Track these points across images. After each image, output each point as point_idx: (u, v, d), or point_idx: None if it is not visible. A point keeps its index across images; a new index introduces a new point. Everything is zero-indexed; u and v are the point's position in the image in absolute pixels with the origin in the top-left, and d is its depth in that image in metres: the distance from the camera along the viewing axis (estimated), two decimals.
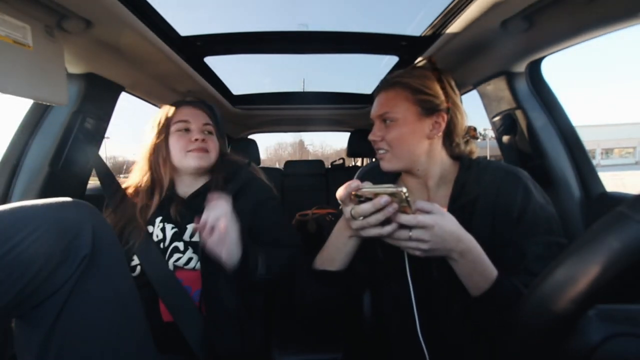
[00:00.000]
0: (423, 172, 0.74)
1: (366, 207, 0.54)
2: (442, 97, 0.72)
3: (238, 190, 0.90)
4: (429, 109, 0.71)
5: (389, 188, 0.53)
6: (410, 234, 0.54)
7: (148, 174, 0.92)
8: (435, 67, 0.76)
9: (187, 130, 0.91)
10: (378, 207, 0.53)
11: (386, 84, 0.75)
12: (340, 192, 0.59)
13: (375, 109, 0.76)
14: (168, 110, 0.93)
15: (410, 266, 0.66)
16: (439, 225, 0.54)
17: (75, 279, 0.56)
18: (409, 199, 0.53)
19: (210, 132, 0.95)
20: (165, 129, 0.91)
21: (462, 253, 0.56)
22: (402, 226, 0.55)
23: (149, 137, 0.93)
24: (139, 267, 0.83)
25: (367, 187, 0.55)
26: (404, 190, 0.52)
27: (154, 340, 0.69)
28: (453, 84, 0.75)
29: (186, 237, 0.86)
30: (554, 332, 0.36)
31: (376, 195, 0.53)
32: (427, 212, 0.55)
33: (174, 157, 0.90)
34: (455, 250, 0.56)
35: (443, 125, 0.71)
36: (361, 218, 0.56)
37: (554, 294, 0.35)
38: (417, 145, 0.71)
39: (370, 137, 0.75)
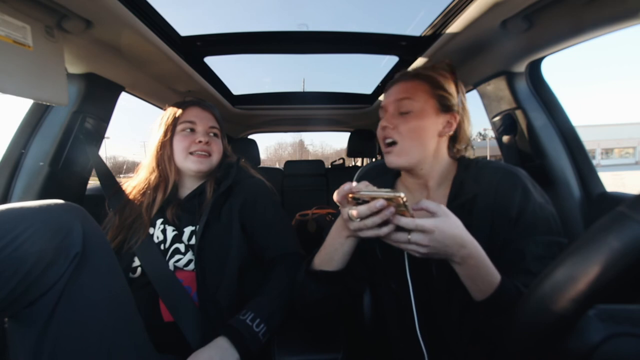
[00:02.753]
0: (426, 172, 0.73)
1: (362, 209, 0.54)
2: (457, 99, 0.72)
3: (229, 189, 0.90)
4: (445, 105, 0.71)
5: (387, 192, 0.52)
6: (409, 237, 0.53)
7: (156, 172, 0.92)
8: (453, 69, 0.75)
9: (192, 130, 0.92)
10: (374, 210, 0.53)
11: (406, 76, 0.74)
12: (335, 196, 0.58)
13: (391, 96, 0.72)
14: (176, 109, 0.93)
15: (409, 266, 0.66)
16: (440, 230, 0.53)
17: (67, 277, 0.56)
18: (407, 203, 0.52)
19: (215, 135, 0.96)
20: (172, 128, 0.91)
21: (464, 258, 0.55)
22: (401, 228, 0.55)
23: (157, 135, 0.93)
24: (139, 268, 0.83)
25: (365, 190, 0.55)
26: (402, 195, 0.51)
27: (155, 340, 0.69)
28: (464, 90, 0.75)
29: (184, 239, 0.86)
30: (554, 332, 0.36)
31: (373, 199, 0.53)
32: (432, 213, 0.54)
33: (176, 157, 0.91)
34: (456, 255, 0.55)
35: (454, 126, 0.72)
36: (358, 220, 0.55)
37: (554, 293, 0.35)
38: (428, 141, 0.71)
39: (383, 123, 0.72)
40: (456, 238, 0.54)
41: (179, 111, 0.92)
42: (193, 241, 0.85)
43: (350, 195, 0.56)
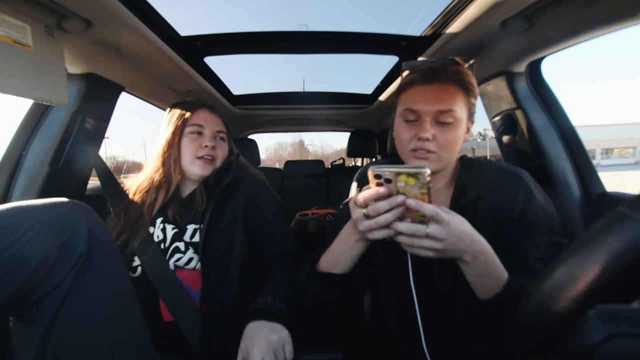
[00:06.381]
0: (441, 173, 0.72)
1: (381, 204, 0.52)
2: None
3: (229, 187, 0.90)
4: (471, 113, 0.69)
5: (412, 168, 0.48)
6: (428, 230, 0.51)
7: (161, 171, 0.92)
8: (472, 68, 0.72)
9: (199, 134, 0.92)
10: (393, 205, 0.51)
11: (444, 77, 0.66)
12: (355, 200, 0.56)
13: (429, 101, 0.65)
14: (186, 110, 0.93)
15: (412, 268, 0.66)
16: (454, 223, 0.52)
17: (72, 277, 0.56)
18: (430, 184, 0.49)
19: (222, 139, 0.96)
20: (180, 130, 0.91)
21: (475, 254, 0.54)
22: (416, 222, 0.53)
23: (165, 134, 0.93)
24: (139, 268, 0.83)
25: (387, 167, 0.51)
26: (428, 171, 0.48)
27: (154, 340, 0.69)
28: None
29: (186, 237, 0.86)
30: (554, 332, 0.36)
31: (398, 174, 0.49)
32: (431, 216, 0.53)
33: (183, 159, 0.91)
34: (468, 251, 0.54)
35: (470, 131, 0.71)
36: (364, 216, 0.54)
37: (554, 293, 0.35)
38: (458, 148, 0.70)
39: (423, 135, 0.65)
40: (467, 232, 0.54)
41: (188, 113, 0.92)
42: (195, 239, 0.85)
43: (372, 174, 0.52)
